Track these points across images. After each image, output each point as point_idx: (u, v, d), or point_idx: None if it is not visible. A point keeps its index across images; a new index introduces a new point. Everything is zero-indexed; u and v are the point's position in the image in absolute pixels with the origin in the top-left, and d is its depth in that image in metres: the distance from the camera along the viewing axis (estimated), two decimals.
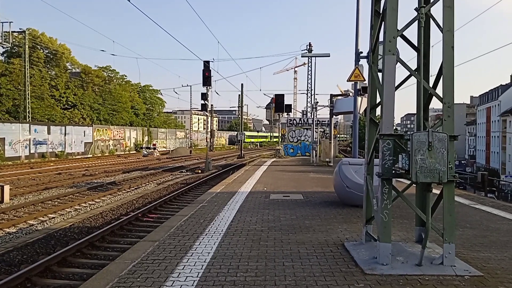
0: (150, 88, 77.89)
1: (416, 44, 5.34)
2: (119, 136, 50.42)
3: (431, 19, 5.16)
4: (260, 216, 7.93)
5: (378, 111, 5.51)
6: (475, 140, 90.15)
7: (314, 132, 27.97)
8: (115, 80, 68.90)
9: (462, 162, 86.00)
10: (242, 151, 42.43)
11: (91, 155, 42.04)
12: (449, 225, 4.76)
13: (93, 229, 10.21)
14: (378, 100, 5.47)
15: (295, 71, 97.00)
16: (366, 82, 9.86)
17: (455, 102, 4.88)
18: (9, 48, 45.95)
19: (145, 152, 44.78)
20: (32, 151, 34.25)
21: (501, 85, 72.71)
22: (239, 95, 45.71)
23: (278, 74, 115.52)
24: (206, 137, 40.31)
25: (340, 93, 27.10)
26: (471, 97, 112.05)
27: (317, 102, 29.05)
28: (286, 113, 35.78)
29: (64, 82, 53.56)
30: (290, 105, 35.67)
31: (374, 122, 5.67)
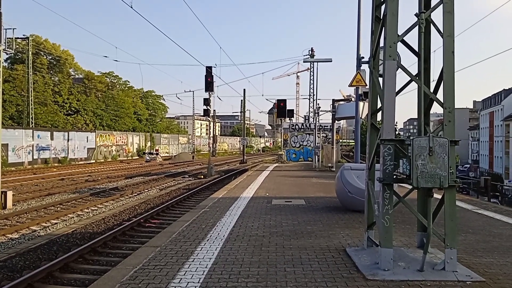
0: (153, 93, 78.12)
1: (416, 49, 5.35)
2: (122, 142, 50.58)
3: (431, 25, 5.18)
4: (262, 222, 7.93)
5: (379, 116, 5.51)
6: (478, 145, 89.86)
7: (316, 137, 27.95)
8: (118, 86, 69.16)
9: (465, 166, 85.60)
10: (245, 156, 42.47)
11: (93, 161, 42.16)
12: (451, 230, 4.74)
13: (95, 235, 10.23)
14: (379, 105, 5.47)
15: (297, 76, 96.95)
16: (368, 87, 9.86)
17: (457, 107, 4.88)
18: (12, 54, 46.30)
19: (148, 158, 44.90)
20: (35, 157, 34.39)
21: (504, 89, 72.58)
22: (241, 100, 45.94)
23: (279, 79, 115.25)
24: (209, 143, 40.35)
25: (343, 98, 27.14)
26: (474, 101, 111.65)
27: (319, 107, 29.03)
28: (288, 118, 35.77)
29: (67, 88, 53.83)
30: (293, 110, 35.61)
31: (375, 127, 5.67)
